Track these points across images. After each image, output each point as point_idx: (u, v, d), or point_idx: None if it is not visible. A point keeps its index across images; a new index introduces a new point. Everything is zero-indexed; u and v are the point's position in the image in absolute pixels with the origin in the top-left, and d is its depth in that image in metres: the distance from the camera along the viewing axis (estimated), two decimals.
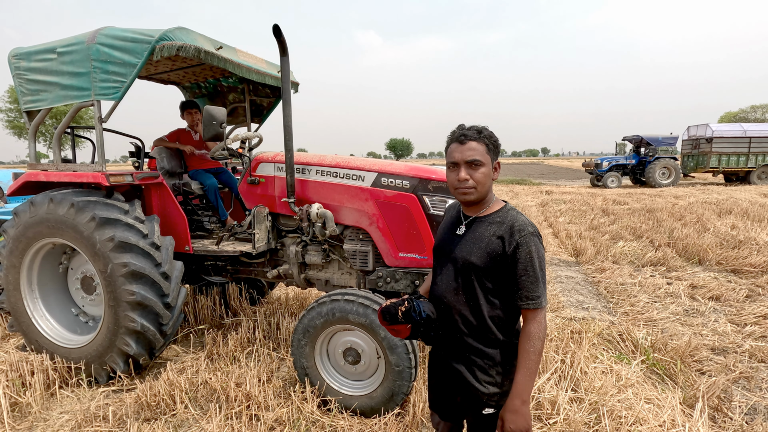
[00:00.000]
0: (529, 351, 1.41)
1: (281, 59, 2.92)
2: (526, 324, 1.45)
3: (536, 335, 1.42)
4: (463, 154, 1.48)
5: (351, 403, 2.68)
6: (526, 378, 1.41)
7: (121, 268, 2.89)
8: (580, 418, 2.46)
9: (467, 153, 1.47)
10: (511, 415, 1.42)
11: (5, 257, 3.29)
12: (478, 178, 1.48)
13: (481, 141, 1.49)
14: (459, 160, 1.49)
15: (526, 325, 1.45)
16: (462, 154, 1.48)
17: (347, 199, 3.15)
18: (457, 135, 1.51)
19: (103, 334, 3.06)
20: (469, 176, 1.48)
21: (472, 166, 1.48)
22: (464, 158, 1.48)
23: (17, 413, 2.81)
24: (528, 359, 1.41)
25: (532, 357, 1.41)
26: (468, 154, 1.47)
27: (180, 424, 2.64)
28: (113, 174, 3.12)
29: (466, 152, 1.48)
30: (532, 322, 1.44)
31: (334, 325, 2.69)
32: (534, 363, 1.41)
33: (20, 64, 3.25)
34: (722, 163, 19.80)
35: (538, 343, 1.41)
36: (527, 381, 1.41)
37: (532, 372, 1.42)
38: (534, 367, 1.41)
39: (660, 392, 2.85)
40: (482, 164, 1.48)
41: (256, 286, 4.80)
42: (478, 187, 1.49)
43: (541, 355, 1.43)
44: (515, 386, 1.43)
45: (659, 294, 4.96)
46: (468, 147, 1.48)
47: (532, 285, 1.43)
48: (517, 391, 1.42)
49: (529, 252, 1.43)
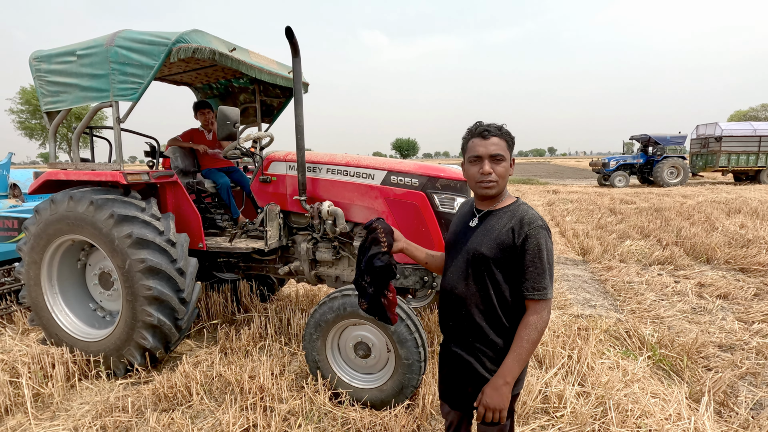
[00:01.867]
0: (524, 338, 1.47)
1: (293, 60, 2.99)
2: (527, 314, 1.50)
3: (534, 325, 1.47)
4: (487, 148, 1.53)
5: (362, 396, 2.75)
6: (515, 362, 1.47)
7: (138, 264, 2.98)
8: (587, 411, 2.51)
9: (491, 147, 1.53)
10: (491, 391, 1.48)
11: (26, 253, 3.40)
12: (500, 172, 1.54)
13: (503, 137, 1.55)
14: (483, 154, 1.54)
15: (527, 315, 1.50)
16: (486, 149, 1.53)
17: (357, 197, 3.22)
18: (480, 130, 1.56)
19: (121, 328, 3.16)
20: (492, 170, 1.53)
21: (495, 160, 1.53)
22: (488, 152, 1.53)
23: (40, 404, 2.91)
24: (520, 345, 1.47)
25: (525, 345, 1.46)
26: (492, 149, 1.53)
27: (196, 415, 2.72)
28: (130, 173, 3.21)
29: (490, 147, 1.53)
30: (533, 313, 1.48)
31: (345, 320, 2.76)
32: (525, 351, 1.46)
33: (41, 66, 3.36)
34: (731, 162, 19.64)
35: (534, 333, 1.46)
36: (515, 365, 1.47)
37: (521, 358, 1.47)
38: (525, 354, 1.46)
39: (666, 387, 2.88)
40: (504, 159, 1.54)
41: (266, 283, 4.89)
42: (499, 181, 1.55)
43: (535, 346, 1.47)
44: (502, 367, 1.49)
45: (666, 292, 4.98)
46: (491, 142, 1.53)
47: (539, 276, 1.48)
48: (502, 371, 1.48)
49: (537, 244, 1.48)
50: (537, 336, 1.47)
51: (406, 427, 2.48)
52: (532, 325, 1.47)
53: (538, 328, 1.47)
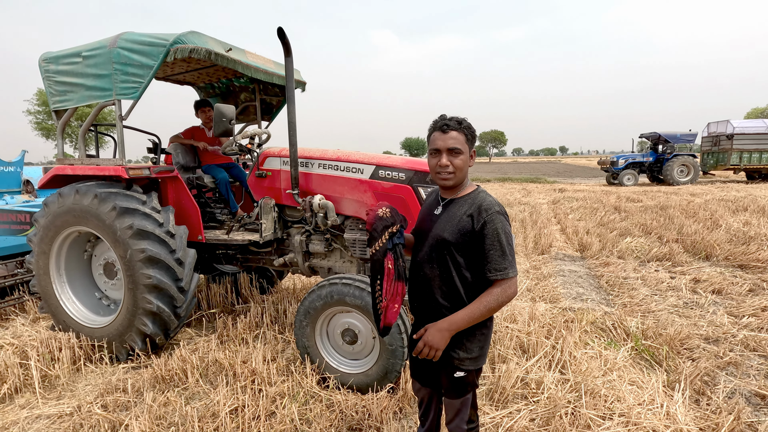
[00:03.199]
0: (482, 301, 1.58)
1: (285, 60, 3.12)
2: (493, 286, 1.60)
3: (496, 295, 1.57)
4: (445, 142, 1.64)
5: (348, 380, 2.87)
6: (465, 315, 1.59)
7: (139, 254, 3.15)
8: (562, 395, 2.60)
9: (449, 141, 1.64)
10: (433, 331, 1.61)
11: (36, 244, 3.60)
12: (457, 165, 1.65)
13: (462, 131, 1.65)
14: (441, 147, 1.65)
15: (493, 287, 1.59)
16: (444, 142, 1.64)
17: (347, 190, 3.34)
18: (440, 124, 1.67)
19: (123, 315, 3.33)
20: (449, 162, 1.64)
21: (452, 153, 1.64)
22: (446, 146, 1.64)
23: (47, 384, 3.09)
24: (477, 305, 1.58)
25: (480, 306, 1.58)
26: (450, 143, 1.64)
27: (191, 396, 2.87)
28: (132, 168, 3.38)
29: (448, 140, 1.64)
30: (498, 287, 1.59)
31: (332, 307, 2.89)
32: (479, 312, 1.57)
33: (49, 67, 3.55)
34: (744, 160, 19.33)
35: (492, 301, 1.57)
36: (464, 318, 1.59)
37: (472, 315, 1.58)
38: (477, 314, 1.58)
39: (645, 375, 2.96)
40: (461, 152, 1.64)
41: (265, 276, 5.04)
42: (456, 172, 1.66)
43: (489, 312, 1.59)
44: (452, 316, 1.61)
45: (661, 287, 5.01)
46: (450, 136, 1.64)
47: (500, 258, 1.58)
48: (451, 318, 1.61)
49: (495, 229, 1.59)
50: (495, 305, 1.58)
51: (388, 408, 2.59)
52: (494, 294, 1.58)
53: (498, 299, 1.58)
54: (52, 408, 2.80)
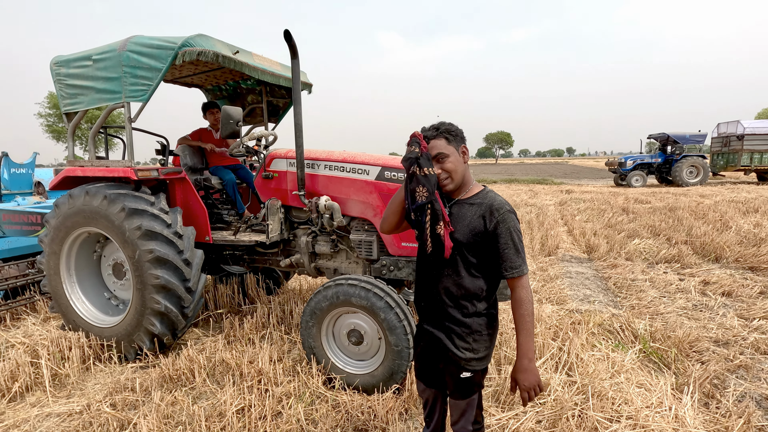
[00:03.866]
0: (524, 314, 1.59)
1: (292, 62, 3.14)
2: (515, 291, 1.61)
3: (526, 299, 1.59)
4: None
5: (353, 381, 2.88)
6: (527, 339, 1.59)
7: (147, 254, 3.18)
8: (569, 398, 2.58)
9: (433, 151, 1.67)
10: (522, 374, 1.60)
11: (47, 245, 3.65)
12: (447, 168, 1.66)
13: (440, 137, 1.68)
14: None
15: (515, 293, 1.61)
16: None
17: (353, 191, 3.35)
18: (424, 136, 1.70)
19: (132, 315, 3.37)
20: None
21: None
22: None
23: (57, 383, 3.14)
24: (525, 321, 1.59)
25: (528, 319, 1.58)
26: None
27: (198, 396, 2.90)
28: (141, 169, 3.42)
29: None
30: (520, 288, 1.60)
31: (338, 308, 2.90)
32: (530, 324, 1.58)
33: (60, 70, 3.61)
34: (754, 161, 19.08)
35: (529, 306, 1.59)
36: (528, 341, 1.59)
37: (530, 332, 1.59)
38: (531, 328, 1.59)
39: (653, 378, 2.93)
40: (447, 155, 1.66)
41: (272, 277, 5.07)
42: (451, 175, 1.67)
43: (533, 316, 1.60)
44: (519, 348, 1.60)
45: (669, 290, 4.96)
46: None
47: (514, 256, 1.60)
48: (522, 351, 1.59)
49: (508, 228, 1.60)
50: (532, 308, 1.60)
51: (394, 409, 2.60)
52: (525, 300, 1.59)
53: (530, 300, 1.60)
54: (62, 406, 2.83)
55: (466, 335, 1.68)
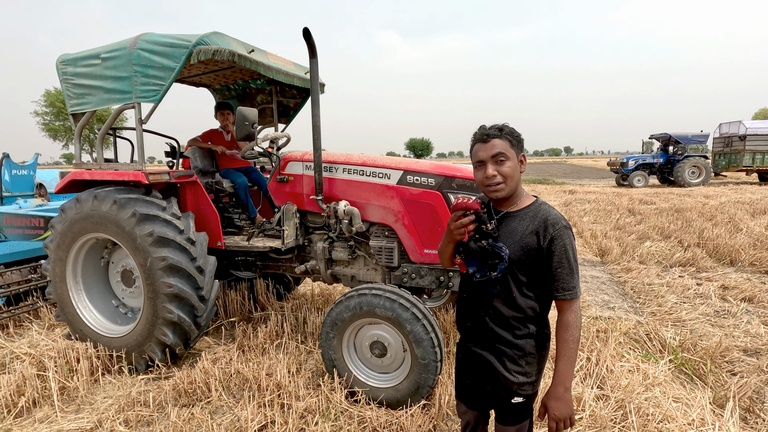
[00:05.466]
0: (568, 340, 1.47)
1: (310, 61, 3.01)
2: (563, 314, 1.50)
3: (574, 324, 1.47)
4: (487, 151, 1.53)
5: (378, 395, 2.76)
6: (567, 366, 1.47)
7: (159, 262, 3.05)
8: (607, 414, 2.47)
9: (491, 150, 1.53)
10: (555, 402, 1.48)
11: (53, 251, 3.50)
12: (505, 172, 1.52)
13: (504, 137, 1.54)
14: (485, 158, 1.54)
15: (563, 315, 1.50)
16: (486, 152, 1.53)
17: (373, 196, 3.22)
18: (480, 135, 1.56)
19: (142, 325, 3.23)
20: (497, 171, 1.52)
21: (497, 161, 1.52)
22: (489, 155, 1.53)
23: (65, 396, 3.00)
24: (567, 348, 1.47)
25: (572, 346, 1.47)
26: (492, 151, 1.52)
27: (215, 411, 2.77)
28: (152, 173, 3.28)
29: (490, 149, 1.53)
30: (569, 311, 1.49)
31: (361, 319, 2.77)
32: (573, 351, 1.47)
33: (67, 69, 3.46)
34: (756, 161, 19.02)
35: (576, 332, 1.47)
36: (568, 369, 1.47)
37: (572, 360, 1.47)
38: (574, 355, 1.47)
39: (689, 392, 2.82)
40: (507, 158, 1.52)
41: (282, 282, 4.94)
42: (507, 181, 1.53)
43: (578, 343, 1.48)
44: (557, 374, 1.48)
45: (688, 295, 4.86)
46: (491, 144, 1.53)
47: (568, 276, 1.47)
48: (559, 378, 1.48)
49: (563, 245, 1.47)
50: (578, 334, 1.49)
51: (422, 426, 2.48)
52: (572, 325, 1.48)
53: (577, 326, 1.48)
54: (72, 423, 2.70)
55: (519, 358, 1.56)
